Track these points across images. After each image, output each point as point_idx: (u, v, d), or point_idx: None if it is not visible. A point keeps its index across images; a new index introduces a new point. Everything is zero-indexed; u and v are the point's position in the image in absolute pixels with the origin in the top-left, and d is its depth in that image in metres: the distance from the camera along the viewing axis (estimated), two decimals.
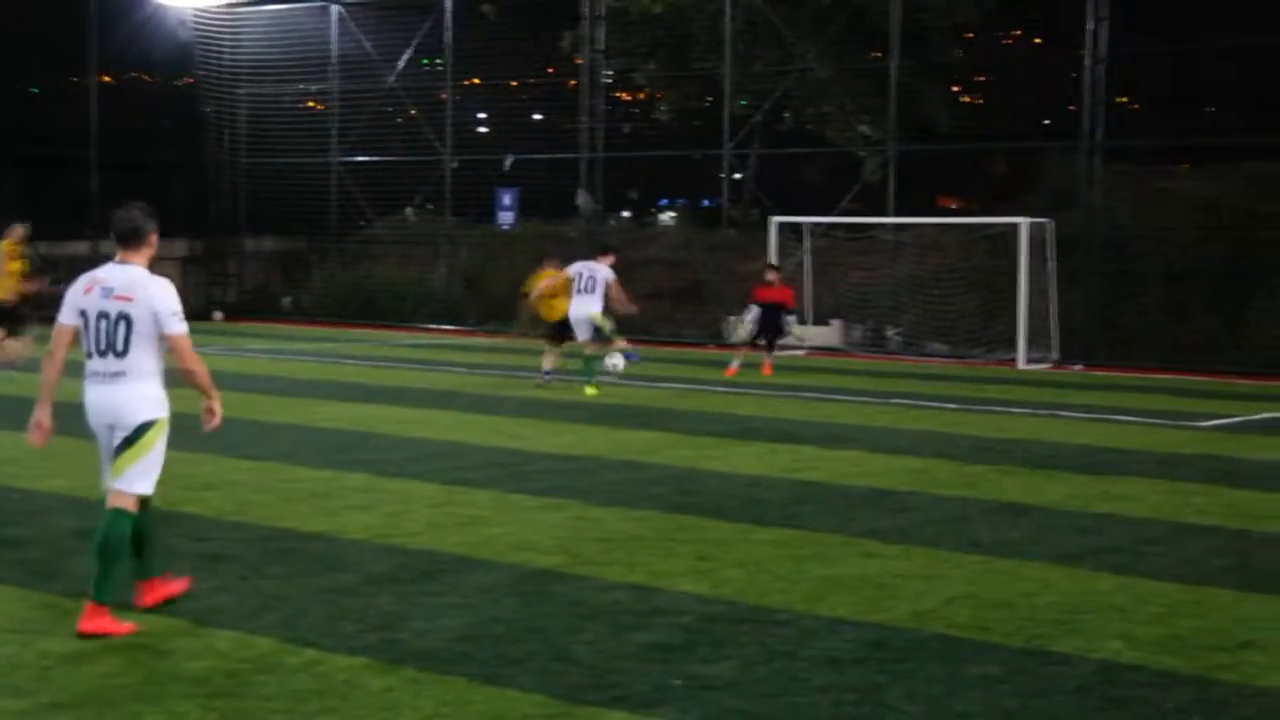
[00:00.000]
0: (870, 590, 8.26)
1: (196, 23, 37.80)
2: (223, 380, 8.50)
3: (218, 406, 7.61)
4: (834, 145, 32.74)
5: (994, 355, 26.38)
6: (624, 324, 20.51)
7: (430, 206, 37.15)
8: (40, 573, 8.40)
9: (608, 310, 19.65)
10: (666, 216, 41.83)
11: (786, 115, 33.62)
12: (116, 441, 7.29)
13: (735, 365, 22.39)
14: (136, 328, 7.17)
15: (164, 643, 6.97)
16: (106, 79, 37.18)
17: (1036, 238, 25.94)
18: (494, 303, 33.78)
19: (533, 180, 34.49)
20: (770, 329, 22.60)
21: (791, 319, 23.16)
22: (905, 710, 6.20)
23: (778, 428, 15.80)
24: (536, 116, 37.90)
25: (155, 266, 7.53)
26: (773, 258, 27.55)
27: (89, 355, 7.27)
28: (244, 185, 37.64)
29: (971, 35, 33.73)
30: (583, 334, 19.58)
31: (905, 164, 29.28)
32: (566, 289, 19.80)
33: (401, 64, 35.39)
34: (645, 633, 7.28)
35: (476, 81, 36.88)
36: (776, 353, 23.24)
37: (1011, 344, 25.91)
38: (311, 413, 16.17)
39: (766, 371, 22.29)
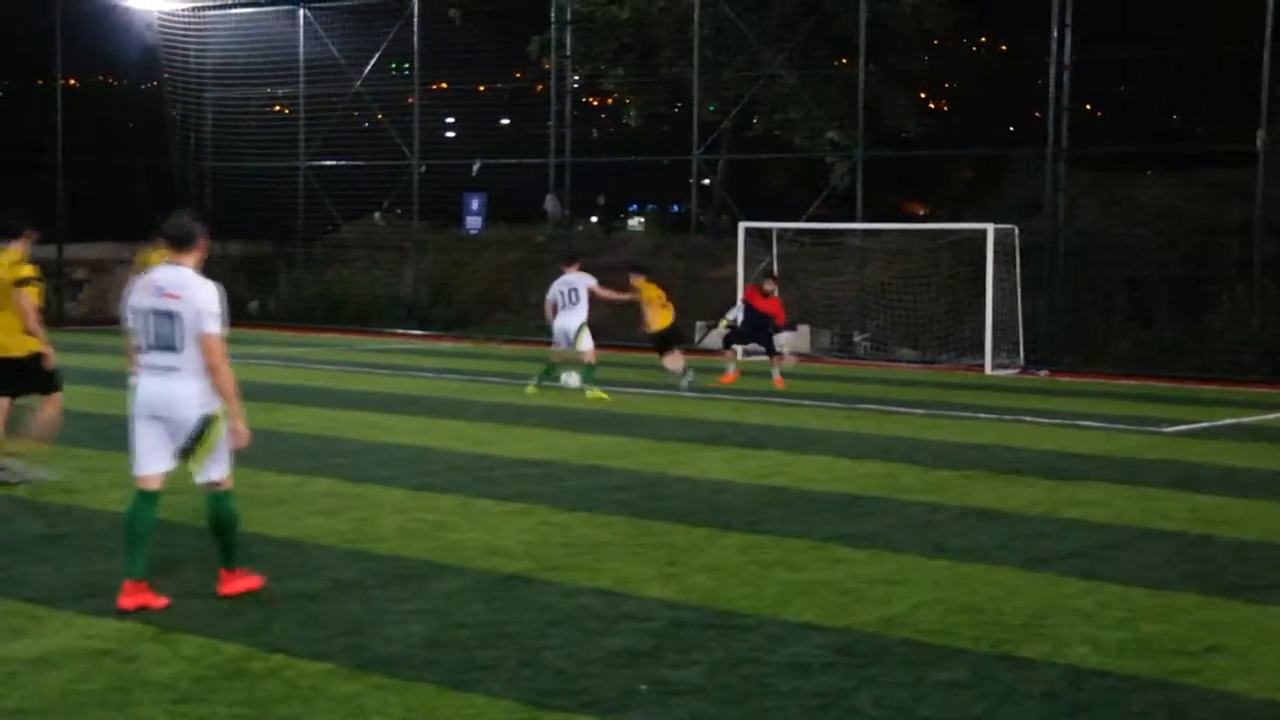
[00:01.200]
0: (837, 595, 8.29)
1: (162, 26, 37.62)
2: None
3: (242, 426, 7.85)
4: (802, 151, 32.85)
5: (961, 360, 26.50)
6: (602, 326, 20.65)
7: (398, 211, 37.09)
8: (6, 579, 8.34)
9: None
10: (635, 222, 41.87)
11: (755, 121, 33.71)
12: (175, 438, 7.73)
13: (732, 372, 22.22)
14: (184, 325, 7.64)
15: (130, 648, 6.94)
16: (72, 82, 36.98)
17: (1002, 244, 26.08)
18: (461, 307, 33.78)
19: (500, 185, 34.48)
20: (762, 338, 22.32)
21: (781, 337, 22.98)
22: (872, 715, 6.22)
23: (745, 433, 15.84)
24: (504, 121, 37.90)
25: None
26: (723, 264, 27.60)
27: (143, 350, 7.75)
28: (210, 189, 37.49)
29: (938, 42, 33.92)
30: (584, 344, 19.58)
31: (873, 170, 29.39)
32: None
33: (369, 68, 35.31)
34: (612, 638, 7.29)
35: (444, 86, 36.85)
36: (740, 357, 23.23)
37: (978, 349, 26.04)
38: (278, 418, 16.09)
39: (779, 384, 21.63)
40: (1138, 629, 7.65)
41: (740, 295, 23.31)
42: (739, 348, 22.88)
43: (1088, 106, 29.67)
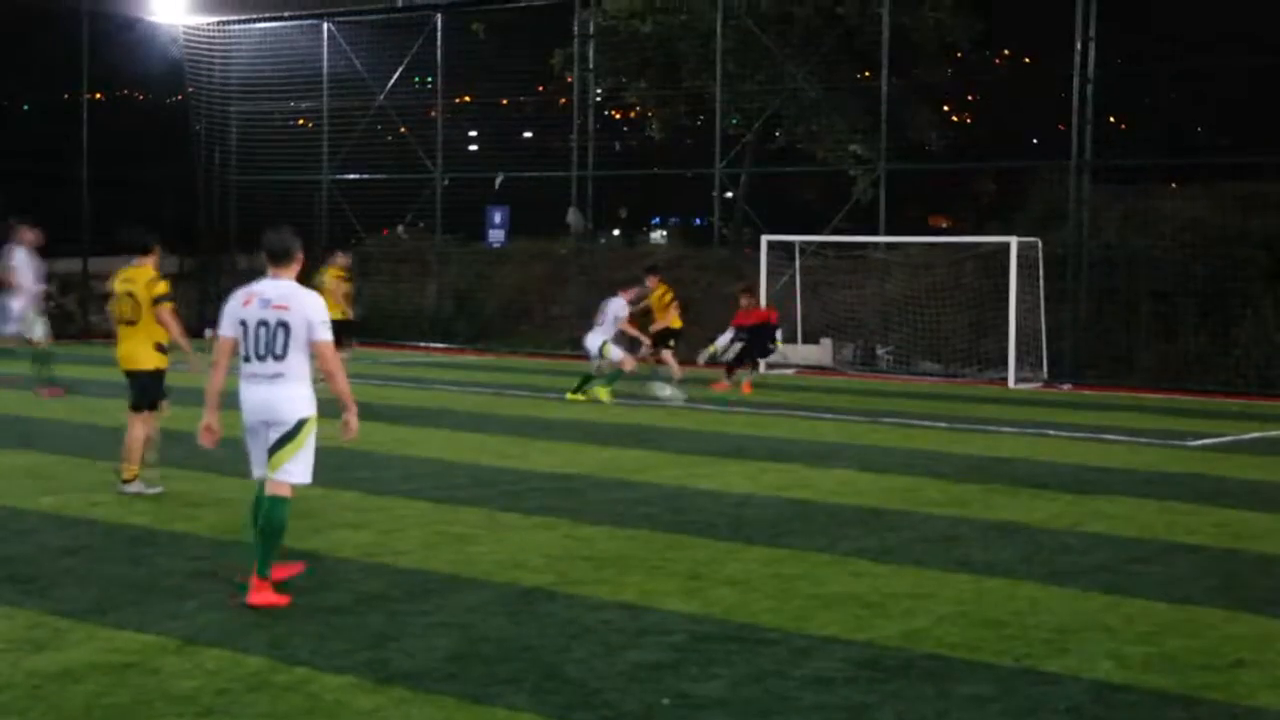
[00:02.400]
0: (860, 609, 8.27)
1: (187, 40, 37.81)
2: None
3: (354, 420, 8.40)
4: (825, 164, 32.82)
5: (984, 374, 26.42)
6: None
7: (421, 224, 37.16)
8: (30, 592, 8.38)
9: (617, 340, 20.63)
10: (657, 235, 41.89)
11: (778, 134, 33.71)
12: (273, 438, 8.14)
13: (747, 380, 22.68)
14: (293, 333, 8.11)
15: (153, 661, 6.96)
16: (98, 96, 37.18)
17: (1026, 257, 26.00)
18: (484, 321, 33.81)
19: (523, 198, 34.53)
20: (759, 349, 22.70)
21: (777, 335, 23.35)
22: None
23: (767, 446, 15.81)
24: (527, 135, 37.96)
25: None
26: (745, 276, 27.66)
27: (248, 359, 8.17)
28: (235, 202, 37.63)
29: (961, 55, 33.87)
30: (612, 356, 20.36)
31: (896, 183, 29.34)
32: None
33: (392, 82, 35.42)
34: (635, 651, 7.29)
35: (467, 99, 36.93)
36: (763, 371, 23.32)
37: (1001, 363, 25.95)
38: None
39: (746, 389, 22.50)
40: (1163, 644, 7.61)
41: (735, 319, 23.49)
42: (761, 361, 23.13)
43: (1111, 119, 29.58)
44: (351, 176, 35.97)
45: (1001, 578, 9.17)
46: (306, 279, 9.17)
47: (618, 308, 20.68)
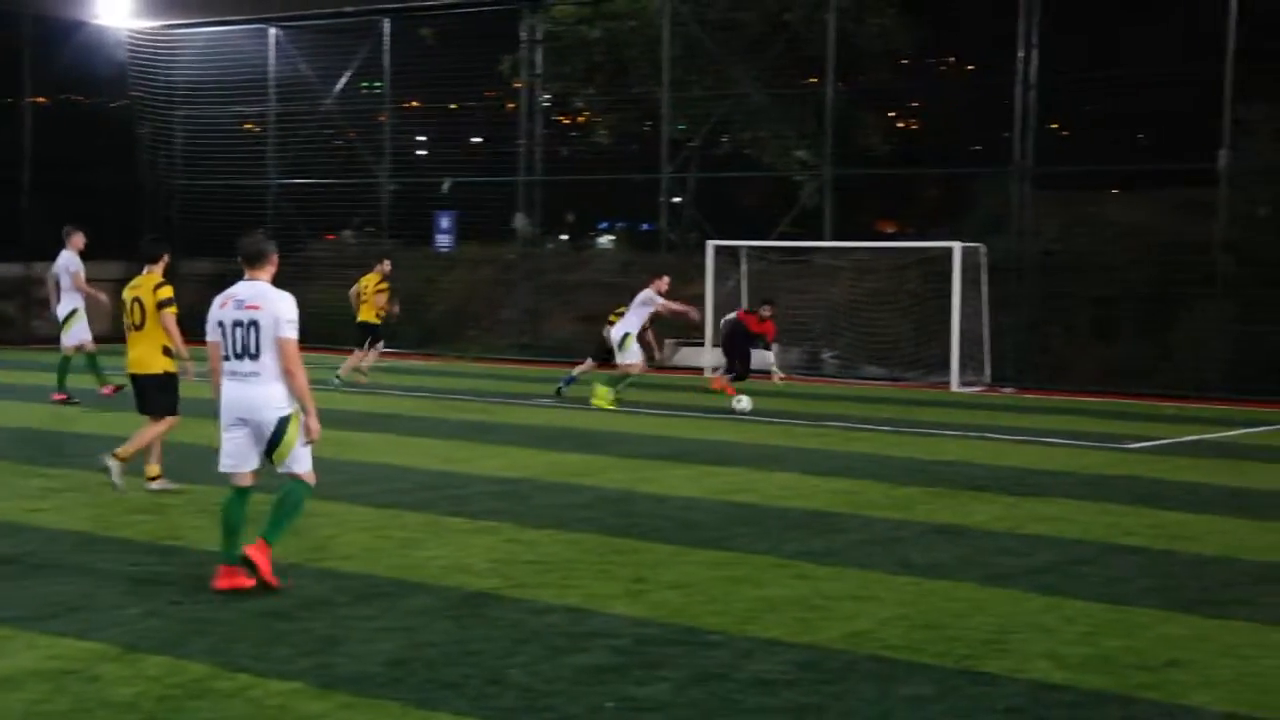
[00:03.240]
0: (803, 611, 8.33)
1: (132, 44, 37.52)
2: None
3: (314, 422, 8.57)
4: (771, 170, 32.95)
5: (928, 378, 26.60)
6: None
7: (369, 229, 37.01)
8: None
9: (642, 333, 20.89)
10: (604, 240, 41.91)
11: (724, 140, 33.81)
12: (260, 440, 8.51)
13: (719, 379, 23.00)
14: (264, 332, 8.43)
15: (93, 668, 6.93)
16: (41, 100, 36.81)
17: (969, 262, 26.22)
18: (431, 325, 33.70)
19: (471, 203, 34.45)
20: (743, 359, 22.73)
21: (769, 356, 23.43)
22: None
23: (713, 450, 15.88)
24: (475, 140, 37.89)
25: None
26: (693, 281, 27.65)
27: (227, 359, 8.53)
28: (180, 207, 37.36)
29: (906, 62, 34.08)
30: (625, 357, 20.50)
31: (841, 188, 29.50)
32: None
33: (339, 86, 35.29)
34: (580, 655, 7.32)
35: (415, 104, 36.82)
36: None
37: (945, 367, 26.14)
38: None
39: (715, 386, 22.83)
40: (1100, 644, 7.72)
41: (732, 314, 23.65)
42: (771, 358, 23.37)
43: (1054, 125, 29.87)
44: (298, 181, 35.79)
45: (943, 579, 9.26)
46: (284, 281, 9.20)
47: (646, 296, 20.51)
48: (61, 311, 19.51)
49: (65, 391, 19.24)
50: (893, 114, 35.42)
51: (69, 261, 19.58)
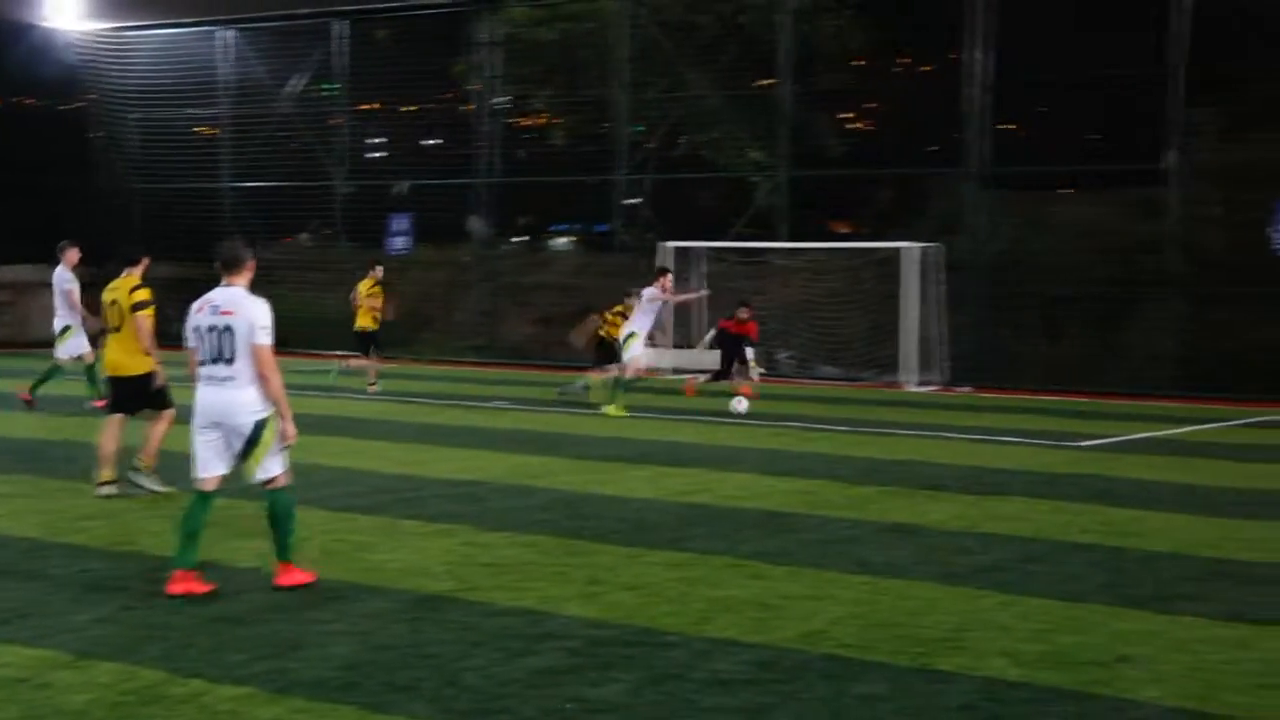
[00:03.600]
0: (758, 611, 8.35)
1: (85, 47, 37.22)
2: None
3: (290, 427, 8.66)
4: (727, 171, 33.02)
5: (883, 377, 26.72)
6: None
7: (325, 232, 36.85)
8: None
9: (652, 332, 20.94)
10: (561, 241, 41.89)
11: (680, 141, 33.85)
12: (234, 444, 8.57)
13: (691, 383, 22.98)
14: (239, 338, 8.53)
15: (44, 675, 6.87)
16: None
17: (924, 262, 26.36)
18: (387, 328, 33.58)
19: (427, 205, 34.35)
20: (735, 361, 22.66)
21: (751, 350, 23.26)
22: None
23: (670, 451, 15.90)
24: (431, 142, 37.78)
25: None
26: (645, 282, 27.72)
27: (203, 363, 8.63)
28: (137, 211, 37.10)
29: (861, 63, 34.22)
30: (627, 353, 20.22)
31: (797, 189, 29.60)
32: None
33: (294, 89, 35.11)
34: (535, 657, 7.31)
35: (370, 107, 36.70)
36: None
37: (901, 366, 26.26)
38: None
39: (689, 393, 22.92)
40: (1053, 641, 7.78)
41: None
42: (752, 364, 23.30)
43: (1007, 126, 30.04)
44: (253, 185, 35.61)
45: (898, 578, 9.30)
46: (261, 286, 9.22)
47: (651, 294, 20.40)
48: (57, 325, 19.35)
49: (34, 397, 19.07)
50: (847, 115, 35.54)
51: (61, 279, 19.36)
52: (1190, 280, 25.01)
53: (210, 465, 8.64)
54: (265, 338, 8.59)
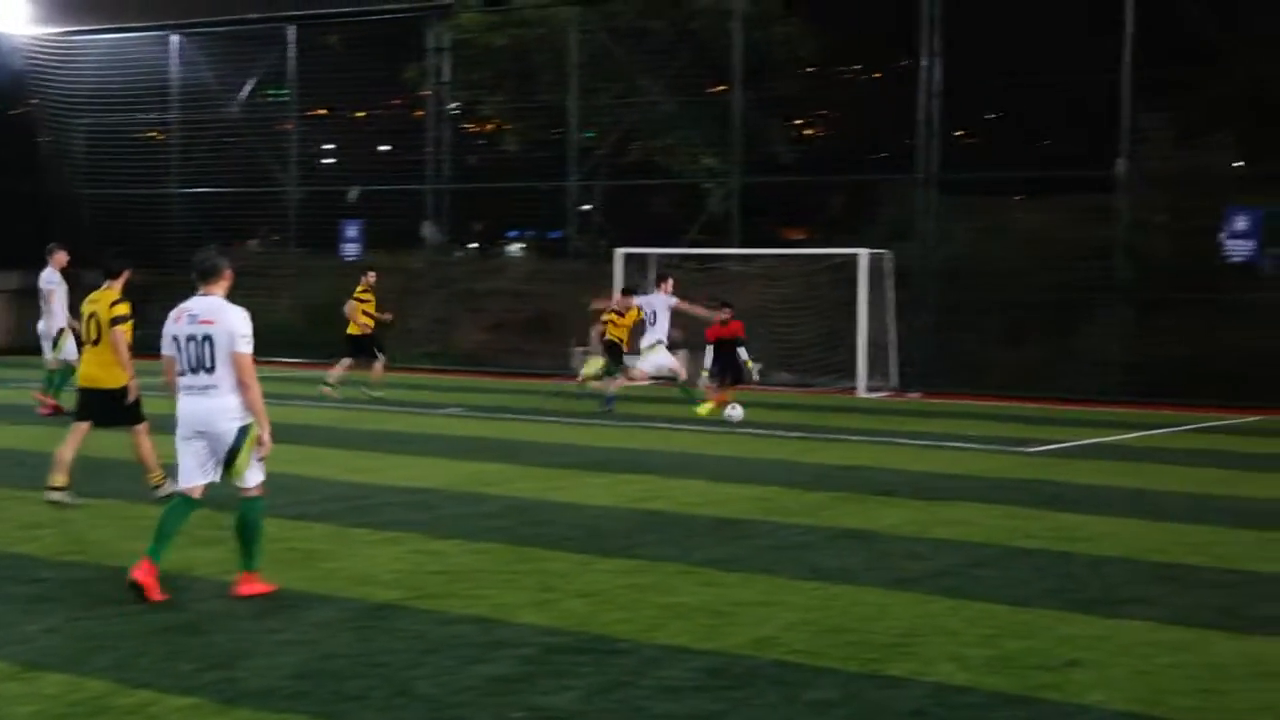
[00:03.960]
0: (710, 618, 8.37)
1: (31, 51, 36.89)
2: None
3: (268, 438, 8.73)
4: (679, 177, 33.09)
5: (837, 383, 26.82)
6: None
7: (275, 238, 36.66)
8: None
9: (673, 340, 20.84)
10: (513, 248, 41.86)
11: (632, 147, 33.88)
12: (216, 452, 8.65)
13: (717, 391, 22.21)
14: (218, 346, 8.59)
15: None
16: None
17: (876, 268, 26.49)
18: (339, 334, 33.46)
19: (379, 212, 34.24)
20: (732, 367, 22.16)
21: (742, 350, 22.87)
22: None
23: (625, 458, 15.91)
24: (382, 148, 37.67)
25: None
26: (603, 288, 27.68)
27: (183, 373, 8.66)
28: (87, 216, 36.81)
29: (812, 69, 34.39)
30: (651, 361, 19.84)
31: (749, 196, 29.71)
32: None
33: (244, 94, 34.93)
34: (487, 665, 7.30)
35: (321, 112, 36.56)
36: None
37: (853, 372, 26.38)
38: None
39: (716, 402, 21.72)
40: (1002, 645, 7.83)
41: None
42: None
43: (958, 133, 30.27)
44: (203, 190, 35.38)
45: (849, 584, 9.35)
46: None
47: (664, 301, 20.68)
48: (49, 328, 19.14)
49: (59, 403, 18.87)
50: (799, 121, 35.72)
51: (48, 280, 19.18)
52: (1140, 286, 25.25)
53: (193, 475, 8.69)
54: (246, 346, 8.64)
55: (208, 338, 8.60)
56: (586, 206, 33.89)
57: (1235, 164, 26.06)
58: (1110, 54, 25.30)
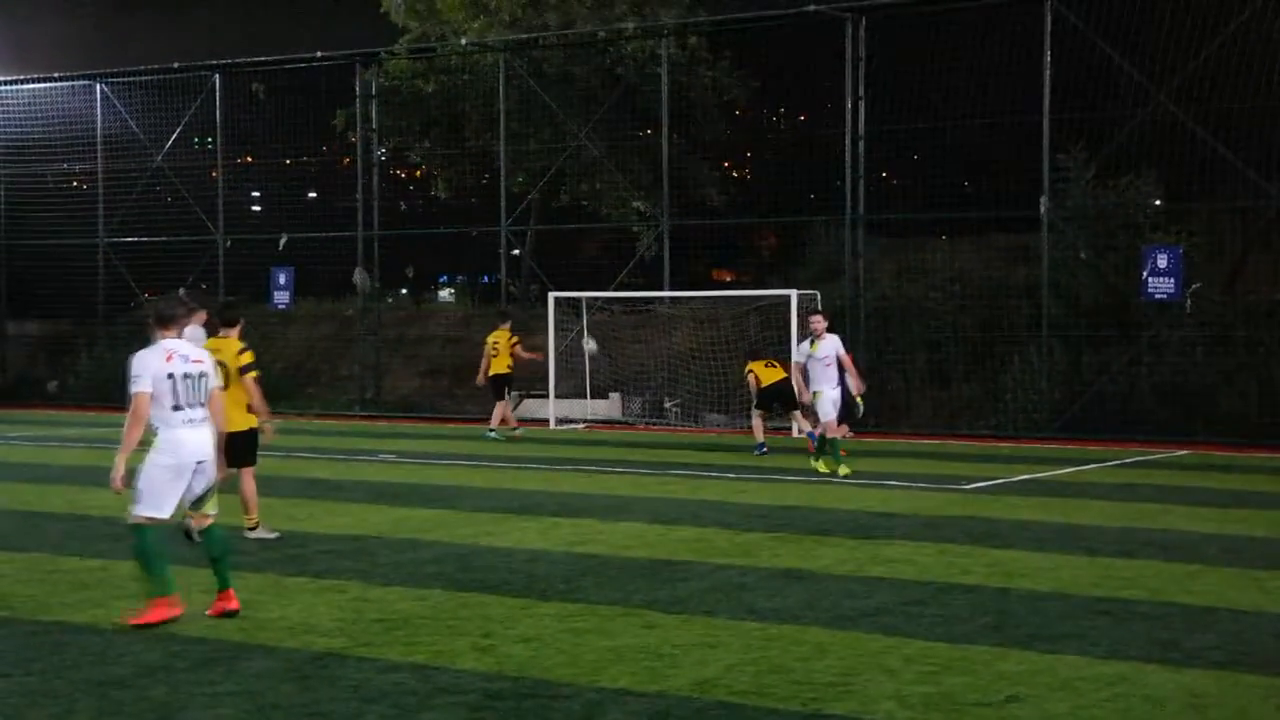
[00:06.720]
0: (651, 661, 8.38)
1: None
2: None
3: (223, 469, 9.86)
4: (609, 221, 33.22)
5: (769, 424, 26.89)
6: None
7: (204, 286, 36.37)
8: None
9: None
10: (445, 293, 41.80)
11: (563, 192, 34.01)
12: (196, 485, 9.43)
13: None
14: (209, 382, 9.60)
15: None
16: None
17: (806, 309, 26.64)
18: (271, 383, 33.22)
19: (308, 259, 34.07)
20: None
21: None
22: None
23: (559, 501, 15.90)
24: (311, 195, 37.53)
25: None
26: (534, 333, 27.69)
27: (179, 408, 9.36)
28: (4, 267, 36.38)
29: (739, 113, 34.70)
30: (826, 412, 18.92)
31: (679, 239, 29.85)
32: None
33: (170, 143, 34.72)
34: (428, 713, 7.26)
35: (249, 160, 36.39)
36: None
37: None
38: (80, 501, 15.64)
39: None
40: (941, 682, 7.89)
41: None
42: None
43: (883, 175, 30.60)
44: (130, 239, 35.08)
45: (788, 624, 9.38)
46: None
47: (838, 346, 19.26)
48: None
49: None
50: (727, 164, 35.99)
51: None
52: (1065, 324, 25.59)
53: (169, 505, 9.40)
54: (221, 381, 9.90)
55: (202, 375, 9.53)
56: (517, 251, 33.93)
57: (1155, 202, 26.49)
58: (1032, 94, 25.70)
